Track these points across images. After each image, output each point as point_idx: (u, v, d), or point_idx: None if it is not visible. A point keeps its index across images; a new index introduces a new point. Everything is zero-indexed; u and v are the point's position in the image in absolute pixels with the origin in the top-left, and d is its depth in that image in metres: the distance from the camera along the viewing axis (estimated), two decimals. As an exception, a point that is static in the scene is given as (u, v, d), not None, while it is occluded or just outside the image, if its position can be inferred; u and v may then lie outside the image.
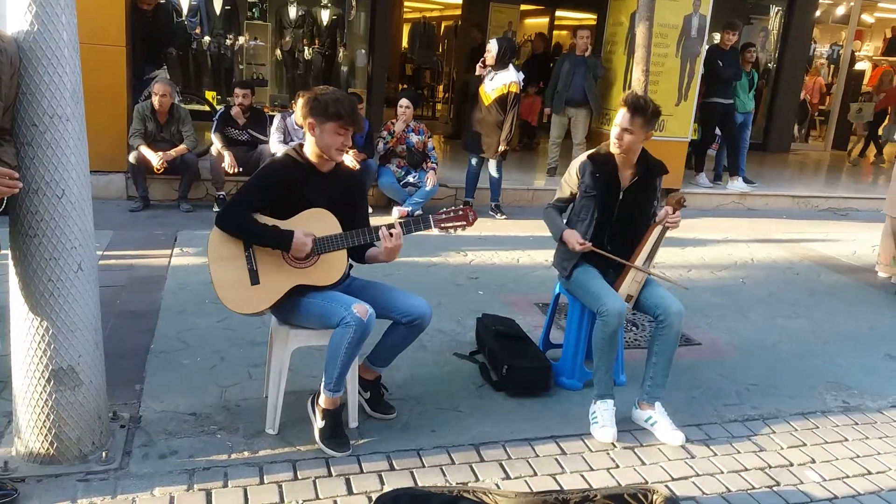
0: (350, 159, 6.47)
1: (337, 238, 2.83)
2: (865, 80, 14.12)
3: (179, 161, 6.23)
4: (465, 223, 2.91)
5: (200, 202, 6.55)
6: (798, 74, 12.49)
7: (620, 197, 3.31)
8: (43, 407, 2.56)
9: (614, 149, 3.26)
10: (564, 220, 3.47)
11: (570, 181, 3.43)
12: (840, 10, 13.64)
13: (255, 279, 2.81)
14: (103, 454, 2.66)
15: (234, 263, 2.82)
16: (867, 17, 14.81)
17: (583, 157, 3.40)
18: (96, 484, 2.53)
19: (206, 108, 8.47)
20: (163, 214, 6.15)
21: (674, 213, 3.24)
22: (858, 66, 14.31)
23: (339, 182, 2.97)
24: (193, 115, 6.79)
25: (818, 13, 12.76)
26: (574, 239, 3.28)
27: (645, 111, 3.17)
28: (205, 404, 3.11)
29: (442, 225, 2.90)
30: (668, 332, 3.16)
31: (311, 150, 2.90)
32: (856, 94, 13.61)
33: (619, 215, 3.32)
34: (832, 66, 13.89)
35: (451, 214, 2.91)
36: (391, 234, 2.82)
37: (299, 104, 2.87)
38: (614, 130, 3.23)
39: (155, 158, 6.04)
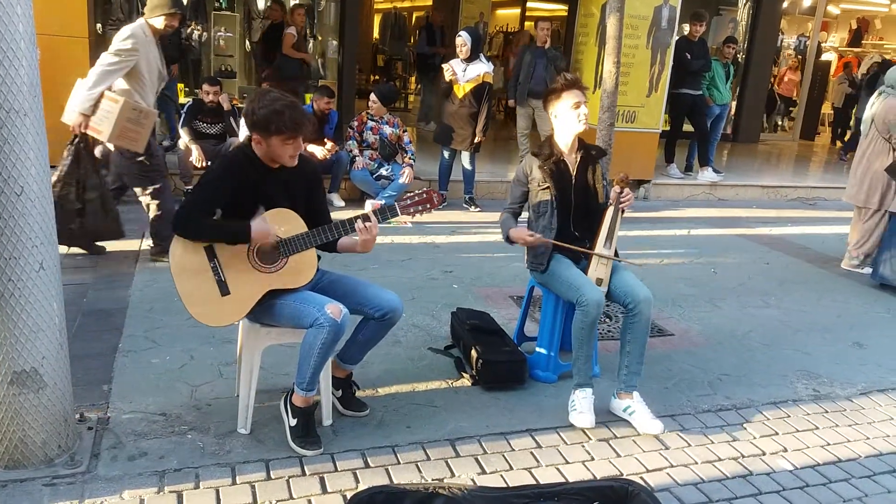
0: (321, 151, 6.41)
1: (304, 237, 2.77)
2: (832, 71, 14.35)
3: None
4: (429, 205, 2.88)
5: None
6: (766, 65, 12.64)
7: (573, 182, 3.39)
8: (6, 410, 2.48)
9: (581, 126, 3.35)
10: (527, 221, 3.52)
11: (519, 181, 3.51)
12: (807, 2, 13.82)
13: (224, 290, 2.74)
14: (70, 457, 2.60)
15: (201, 276, 2.74)
16: (833, 9, 15.03)
17: (528, 156, 3.52)
18: (63, 488, 2.47)
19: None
20: (130, 210, 6.00)
21: (622, 191, 3.30)
22: (824, 56, 14.54)
23: (296, 175, 2.87)
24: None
25: (785, 4, 12.91)
26: (523, 233, 3.36)
27: (581, 81, 3.39)
28: (175, 404, 3.06)
29: (408, 210, 2.86)
30: (639, 320, 3.18)
31: (262, 154, 2.79)
32: (822, 84, 13.82)
33: (577, 199, 3.40)
34: (799, 57, 14.07)
35: (416, 199, 2.87)
36: (366, 227, 2.78)
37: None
38: (577, 112, 3.31)
39: (121, 152, 5.91)
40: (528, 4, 14.04)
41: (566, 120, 3.35)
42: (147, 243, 5.05)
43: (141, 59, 4.45)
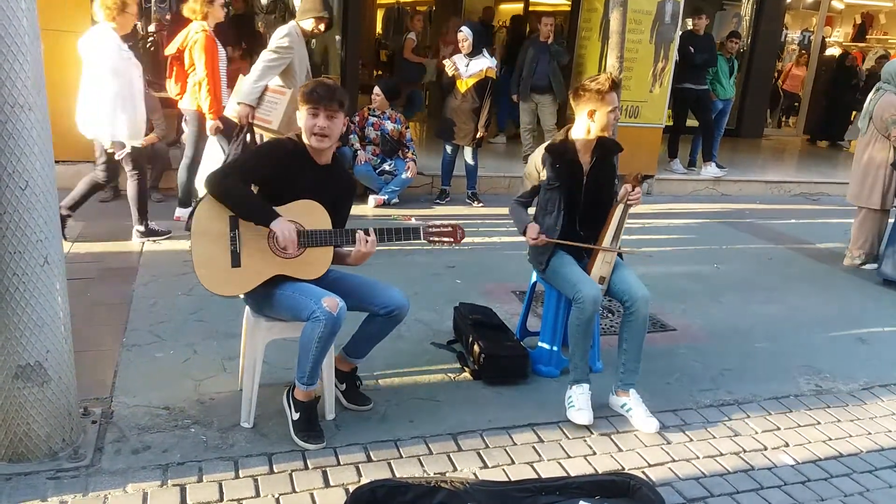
0: None
1: (326, 234, 2.81)
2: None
3: (150, 150, 6.11)
4: (451, 239, 2.97)
5: (172, 192, 6.42)
6: (770, 61, 12.59)
7: (584, 181, 3.33)
8: (11, 404, 2.50)
9: (606, 132, 3.29)
10: (531, 214, 3.49)
11: (531, 175, 3.46)
12: (811, -4, 13.76)
13: (236, 262, 2.77)
14: (74, 451, 2.62)
15: (218, 242, 2.77)
16: (837, 3, 14.95)
17: (541, 149, 3.43)
18: (67, 481, 2.49)
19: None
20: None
21: (633, 189, 3.27)
22: (829, 51, 14.46)
23: (332, 179, 2.93)
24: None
25: (789, -1, 12.86)
26: (530, 234, 3.33)
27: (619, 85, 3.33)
28: (178, 398, 3.07)
29: (431, 238, 2.95)
30: (636, 318, 3.18)
31: (306, 140, 2.87)
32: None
33: (585, 200, 3.36)
34: (803, 52, 14.01)
35: (441, 230, 2.96)
36: (367, 240, 2.82)
37: None
38: (609, 116, 3.22)
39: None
40: (532, -1, 13.97)
41: (600, 122, 3.23)
42: (150, 239, 5.07)
43: (295, 56, 4.81)
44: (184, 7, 5.11)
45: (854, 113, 12.36)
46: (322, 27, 4.98)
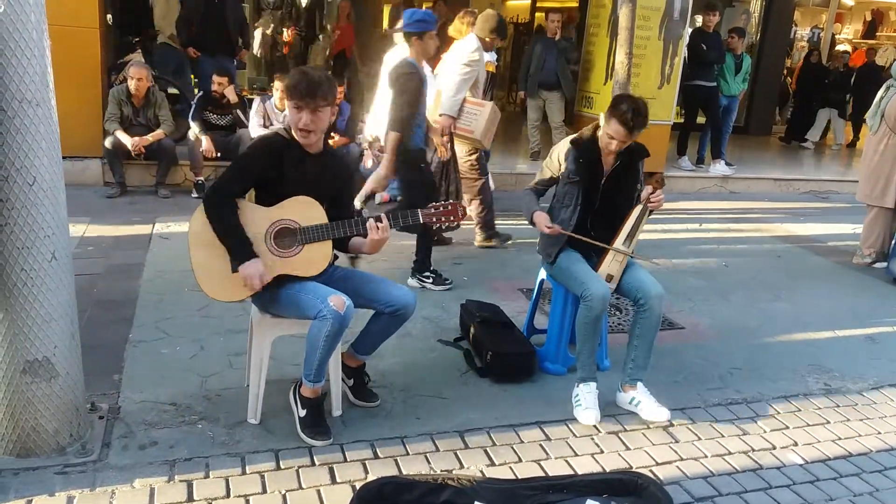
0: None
1: (322, 228, 2.77)
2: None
3: (157, 146, 6.13)
4: (453, 217, 2.86)
5: (178, 188, 6.45)
6: (779, 58, 12.52)
7: (603, 182, 3.30)
8: (19, 399, 2.50)
9: (606, 149, 3.26)
10: (547, 205, 3.47)
11: (551, 165, 3.43)
12: (820, -7, 13.68)
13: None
14: (81, 446, 2.62)
15: (216, 250, 2.76)
16: (847, 0, 14.87)
17: (566, 142, 3.40)
18: (75, 476, 2.49)
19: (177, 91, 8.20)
20: (140, 200, 6.05)
21: (653, 192, 3.24)
22: (838, 48, 14.38)
23: (327, 166, 2.90)
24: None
25: (799, -4, 12.77)
26: (542, 221, 3.30)
27: (642, 126, 3.16)
28: (185, 394, 3.07)
29: (431, 218, 2.84)
30: (649, 316, 3.16)
31: (295, 132, 2.84)
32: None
33: (602, 200, 3.32)
34: (814, 50, 13.91)
35: (441, 209, 2.85)
36: (378, 227, 2.76)
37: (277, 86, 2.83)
38: (611, 143, 3.20)
39: (131, 143, 5.95)
40: (540, -5, 13.93)
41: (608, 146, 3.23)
42: (156, 235, 5.08)
43: (480, 68, 5.19)
44: (450, 28, 5.64)
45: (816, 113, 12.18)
46: (497, 43, 5.46)
